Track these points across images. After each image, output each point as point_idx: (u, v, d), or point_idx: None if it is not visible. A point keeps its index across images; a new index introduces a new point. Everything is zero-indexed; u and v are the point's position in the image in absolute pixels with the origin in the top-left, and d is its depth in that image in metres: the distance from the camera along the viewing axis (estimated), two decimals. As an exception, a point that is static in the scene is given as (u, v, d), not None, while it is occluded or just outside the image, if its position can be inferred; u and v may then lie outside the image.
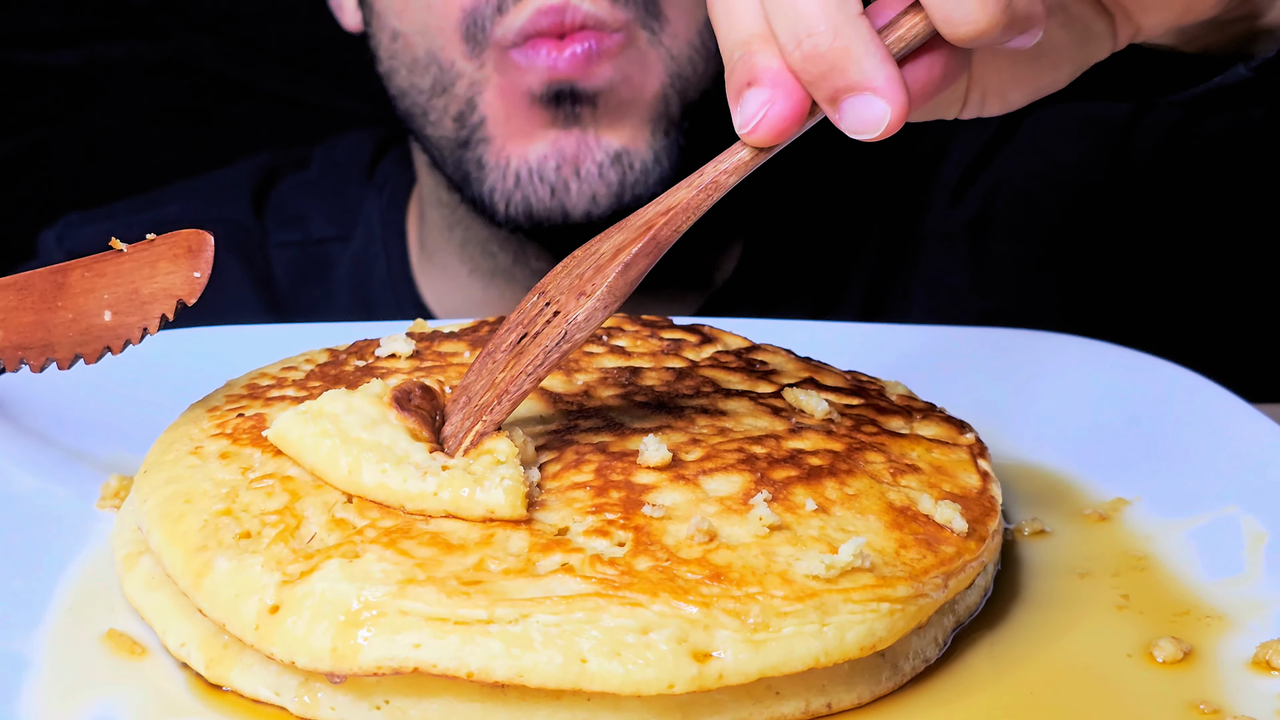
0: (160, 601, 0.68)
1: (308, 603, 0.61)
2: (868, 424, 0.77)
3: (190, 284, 0.76)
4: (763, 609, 0.60)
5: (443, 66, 1.19)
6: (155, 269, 0.77)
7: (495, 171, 1.19)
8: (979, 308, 1.37)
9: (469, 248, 1.35)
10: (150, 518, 0.69)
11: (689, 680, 0.59)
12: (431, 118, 1.22)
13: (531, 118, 1.16)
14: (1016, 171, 1.40)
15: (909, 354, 1.00)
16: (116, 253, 0.78)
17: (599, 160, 1.17)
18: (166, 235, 0.77)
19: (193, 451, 0.73)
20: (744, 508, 0.66)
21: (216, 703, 0.64)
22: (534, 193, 1.17)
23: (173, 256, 0.76)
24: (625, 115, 1.17)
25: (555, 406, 0.76)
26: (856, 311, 1.38)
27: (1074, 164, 1.39)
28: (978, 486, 0.73)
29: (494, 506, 0.64)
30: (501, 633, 0.59)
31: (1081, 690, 0.65)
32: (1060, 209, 1.39)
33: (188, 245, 0.76)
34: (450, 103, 1.20)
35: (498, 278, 1.35)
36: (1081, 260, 1.38)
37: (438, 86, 1.20)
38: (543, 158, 1.17)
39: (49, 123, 1.62)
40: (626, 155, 1.17)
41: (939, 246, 1.40)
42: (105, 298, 0.78)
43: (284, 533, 0.65)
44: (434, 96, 1.21)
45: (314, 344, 0.88)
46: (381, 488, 0.66)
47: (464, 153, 1.21)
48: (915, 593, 0.64)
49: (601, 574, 0.61)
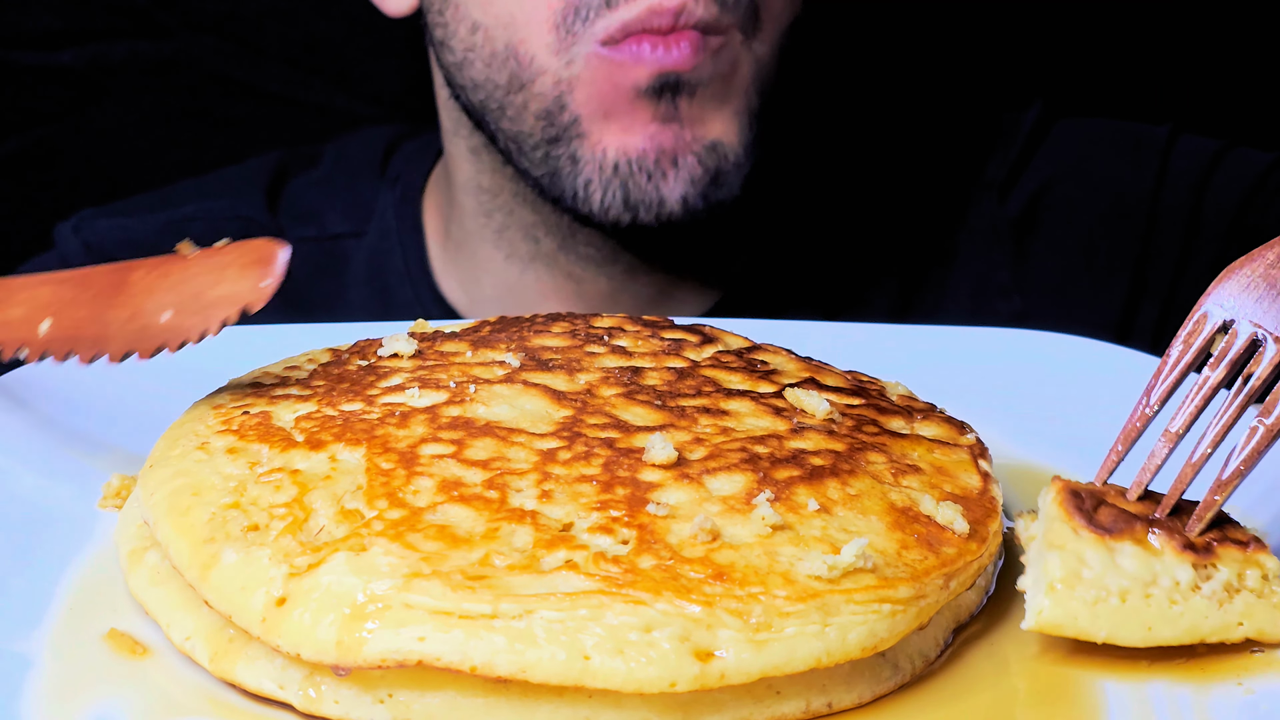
0: (165, 596, 0.68)
1: (314, 595, 0.61)
2: (869, 424, 0.77)
3: (256, 292, 0.75)
4: (765, 609, 0.61)
5: (521, 62, 1.19)
6: (222, 275, 0.76)
7: (591, 165, 1.20)
8: (1019, 307, 1.40)
9: (509, 232, 1.35)
10: (157, 511, 0.69)
11: (691, 679, 0.59)
12: (509, 113, 1.23)
13: (634, 111, 1.18)
14: (1058, 175, 1.43)
15: (909, 354, 1.00)
16: (182, 257, 0.77)
17: (696, 152, 1.19)
18: (238, 243, 0.76)
19: (199, 447, 0.73)
20: (747, 507, 0.66)
21: (218, 703, 0.64)
22: (632, 180, 1.19)
23: (242, 265, 0.76)
24: (717, 110, 1.20)
25: (560, 403, 0.76)
26: (889, 306, 1.40)
27: (1114, 176, 1.42)
28: (979, 487, 0.73)
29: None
30: (505, 628, 0.59)
31: (1082, 690, 0.65)
32: (1100, 218, 1.41)
33: (259, 255, 0.76)
34: (530, 100, 1.20)
35: (537, 262, 1.35)
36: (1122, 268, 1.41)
37: (515, 82, 1.21)
38: (642, 151, 1.18)
39: (50, 123, 1.62)
40: (720, 147, 1.20)
41: (984, 242, 1.42)
42: (167, 299, 0.77)
43: (292, 525, 0.65)
44: (511, 92, 1.21)
45: (316, 344, 0.88)
46: (1190, 632, 0.65)
47: (552, 148, 1.21)
48: (917, 594, 0.64)
49: (605, 571, 0.61)
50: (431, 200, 1.45)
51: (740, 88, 1.21)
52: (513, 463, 0.69)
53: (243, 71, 1.63)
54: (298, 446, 0.71)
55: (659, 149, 1.18)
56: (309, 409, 0.75)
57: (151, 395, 0.88)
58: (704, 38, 1.16)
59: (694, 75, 1.17)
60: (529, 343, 0.85)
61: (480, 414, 0.74)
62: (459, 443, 0.71)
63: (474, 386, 0.77)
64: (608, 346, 0.85)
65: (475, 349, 0.84)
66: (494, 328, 0.89)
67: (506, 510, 0.65)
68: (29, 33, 1.41)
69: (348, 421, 0.73)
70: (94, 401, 0.89)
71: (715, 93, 1.19)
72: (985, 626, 0.71)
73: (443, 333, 0.89)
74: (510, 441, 0.71)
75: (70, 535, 0.76)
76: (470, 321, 0.92)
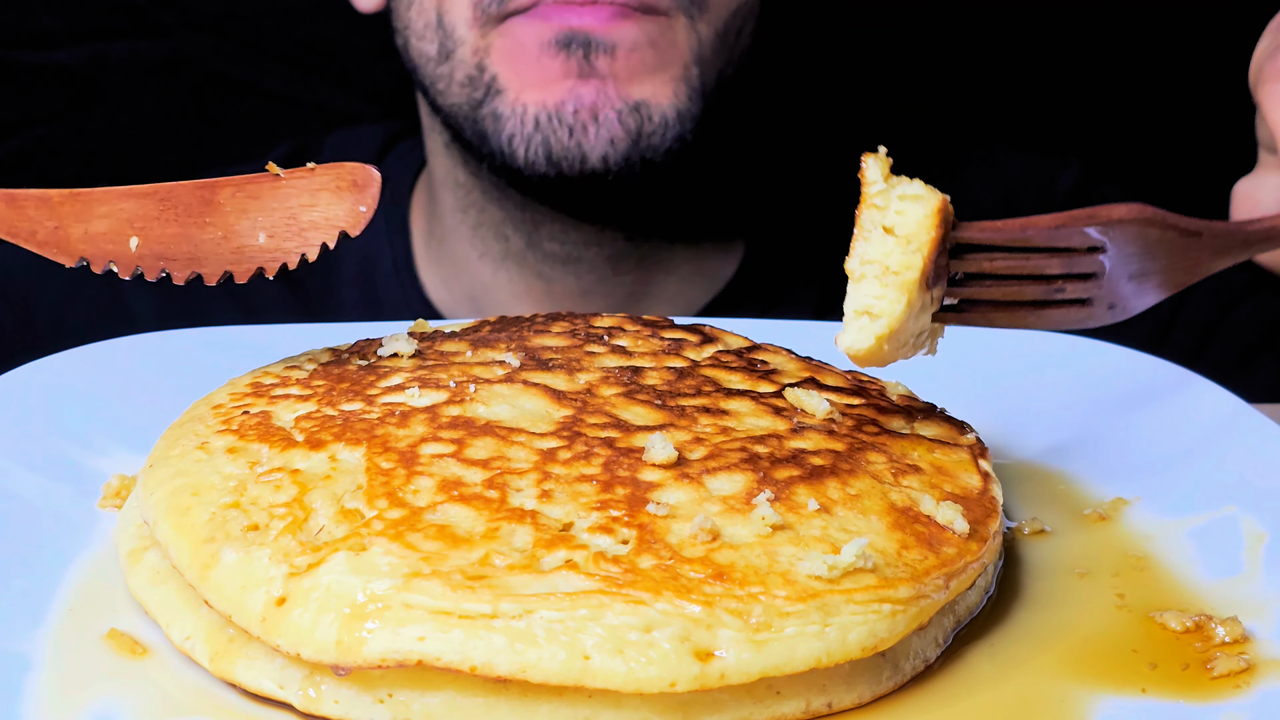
0: (165, 596, 0.68)
1: (314, 595, 0.61)
2: (869, 424, 0.77)
3: (355, 216, 0.75)
4: (765, 609, 0.61)
5: (446, 31, 1.24)
6: (316, 198, 0.75)
7: (513, 120, 1.22)
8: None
9: (482, 230, 1.38)
10: (157, 510, 0.69)
11: (691, 679, 0.59)
12: (440, 86, 1.27)
13: (543, 63, 1.20)
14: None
15: (909, 354, 1.00)
16: (272, 176, 0.76)
17: (617, 108, 1.21)
18: (329, 165, 0.76)
19: (199, 446, 0.73)
20: (747, 507, 0.66)
21: (218, 703, 0.64)
22: (553, 134, 1.21)
23: (336, 188, 0.75)
24: (651, 74, 1.22)
25: (560, 403, 0.76)
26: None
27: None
28: (979, 487, 0.73)
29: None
30: (505, 628, 0.59)
31: (1081, 690, 0.65)
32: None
33: (353, 179, 0.75)
34: (455, 69, 1.24)
35: (508, 261, 1.38)
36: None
37: (442, 52, 1.25)
38: (561, 103, 1.21)
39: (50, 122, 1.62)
40: (646, 107, 1.22)
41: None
42: (260, 220, 0.76)
43: (292, 525, 0.65)
44: (439, 64, 1.25)
45: (315, 344, 0.88)
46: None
47: (478, 111, 1.25)
48: (917, 594, 0.64)
49: (605, 571, 0.61)
50: (418, 199, 1.47)
51: (677, 58, 1.22)
52: (513, 462, 0.69)
53: (242, 71, 1.63)
54: (298, 446, 0.71)
55: (578, 101, 1.20)
56: (309, 409, 0.75)
57: (152, 395, 0.88)
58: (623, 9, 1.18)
59: (609, 37, 1.19)
60: (529, 343, 0.85)
61: (480, 413, 0.74)
62: (459, 442, 0.71)
63: (474, 386, 0.77)
64: (607, 346, 0.85)
65: (475, 349, 0.84)
66: (494, 327, 0.89)
67: (506, 510, 0.65)
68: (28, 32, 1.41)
69: (348, 421, 0.73)
70: (94, 401, 0.89)
71: (646, 59, 1.21)
72: (985, 626, 0.71)
73: (442, 333, 0.89)
74: (510, 441, 0.71)
75: (70, 535, 0.76)
76: (470, 321, 0.92)
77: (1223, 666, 0.66)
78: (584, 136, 1.20)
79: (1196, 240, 0.78)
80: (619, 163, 1.22)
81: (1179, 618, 0.70)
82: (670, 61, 1.22)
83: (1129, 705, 0.64)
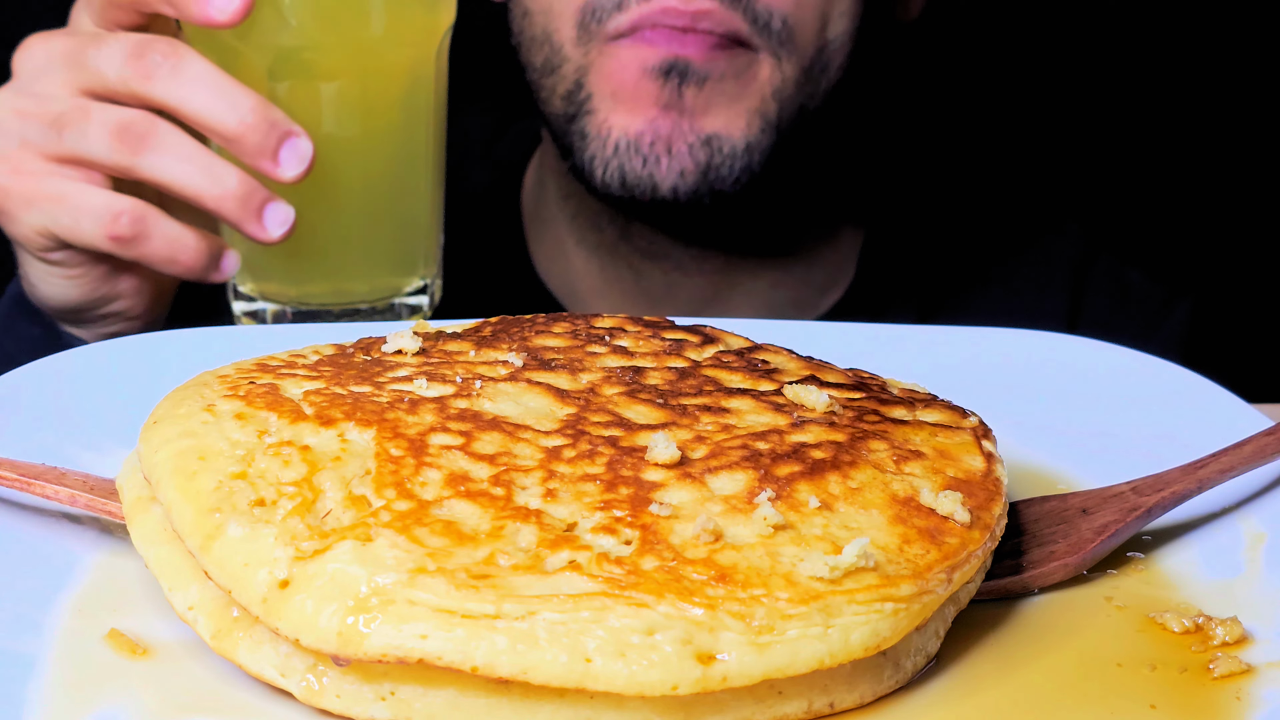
0: (169, 556, 0.68)
1: (318, 582, 0.61)
2: (870, 414, 0.77)
3: None
4: (768, 611, 0.61)
5: (553, 47, 1.29)
6: None
7: (596, 141, 1.27)
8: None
9: (579, 219, 1.45)
10: (162, 470, 0.68)
11: (693, 682, 0.59)
12: (543, 95, 1.33)
13: (640, 90, 1.24)
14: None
15: (909, 354, 1.00)
16: None
17: (690, 141, 1.25)
18: None
19: (206, 408, 0.72)
20: (748, 506, 0.66)
21: (219, 703, 0.64)
22: (628, 162, 1.26)
23: None
24: (726, 105, 1.25)
25: (563, 401, 0.76)
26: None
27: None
28: (982, 469, 0.73)
29: None
30: (508, 628, 0.59)
31: (1082, 690, 0.66)
32: None
33: None
34: (558, 83, 1.30)
35: (600, 251, 1.45)
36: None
37: (548, 66, 1.30)
38: (640, 133, 1.25)
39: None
40: (717, 139, 1.25)
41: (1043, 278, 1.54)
42: None
43: (300, 506, 0.65)
44: (544, 75, 1.31)
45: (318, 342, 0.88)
46: None
47: (570, 125, 1.30)
48: (919, 590, 0.64)
49: (608, 573, 0.61)
50: (530, 180, 1.54)
51: (756, 92, 1.26)
52: (519, 459, 0.69)
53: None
54: (307, 420, 0.71)
55: (655, 134, 1.24)
56: (318, 385, 0.76)
57: (152, 396, 0.88)
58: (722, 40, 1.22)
59: (705, 67, 1.22)
60: (531, 343, 0.85)
61: (487, 408, 0.74)
62: (467, 435, 0.71)
63: (479, 383, 0.77)
64: (609, 347, 0.85)
65: (478, 348, 0.84)
66: (495, 328, 0.90)
67: (512, 508, 0.65)
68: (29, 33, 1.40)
69: (358, 401, 0.73)
70: (94, 401, 0.89)
71: (727, 89, 1.24)
72: (985, 626, 0.71)
73: (445, 332, 0.89)
74: (517, 437, 0.71)
75: (73, 535, 0.76)
76: (472, 322, 0.92)
77: (1223, 667, 0.66)
78: (656, 167, 1.25)
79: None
80: (688, 194, 1.26)
81: (1178, 618, 0.70)
82: (749, 95, 1.25)
83: (1129, 706, 0.64)
